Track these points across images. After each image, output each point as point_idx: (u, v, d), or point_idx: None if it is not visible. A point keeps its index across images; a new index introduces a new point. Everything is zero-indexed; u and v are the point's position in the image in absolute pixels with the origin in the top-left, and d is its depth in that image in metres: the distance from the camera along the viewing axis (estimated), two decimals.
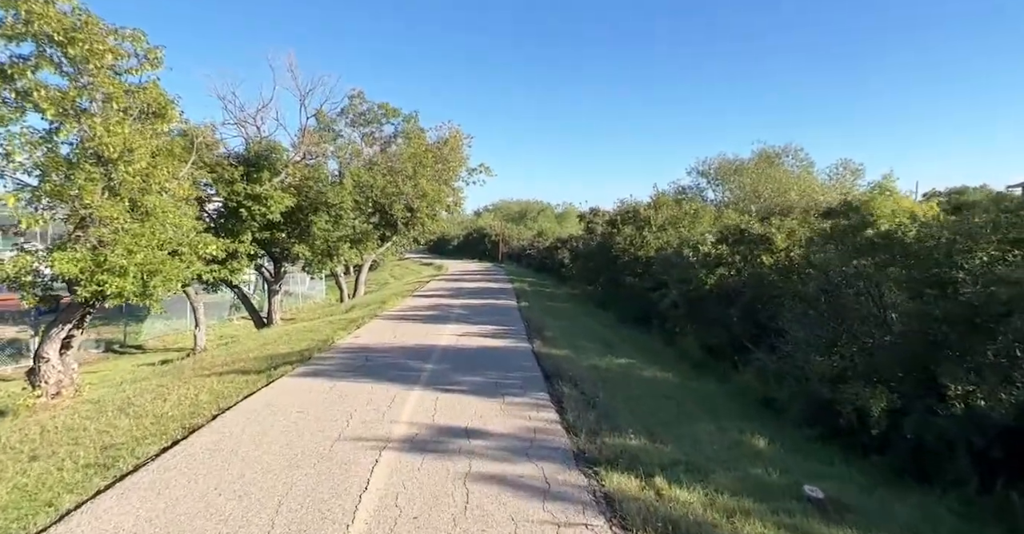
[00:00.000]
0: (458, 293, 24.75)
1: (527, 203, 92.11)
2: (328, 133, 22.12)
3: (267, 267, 22.80)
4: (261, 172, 19.08)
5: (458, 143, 34.14)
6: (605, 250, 22.81)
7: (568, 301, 23.66)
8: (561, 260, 34.06)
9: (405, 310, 18.90)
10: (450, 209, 33.73)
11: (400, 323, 15.55)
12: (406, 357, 10.80)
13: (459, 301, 21.35)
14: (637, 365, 11.43)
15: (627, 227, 21.28)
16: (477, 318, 16.75)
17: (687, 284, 12.51)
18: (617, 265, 20.95)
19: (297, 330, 15.87)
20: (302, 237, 21.58)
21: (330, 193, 20.23)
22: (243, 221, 19.28)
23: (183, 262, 13.06)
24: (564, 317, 18.03)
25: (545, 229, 57.42)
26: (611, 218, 22.94)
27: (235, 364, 11.04)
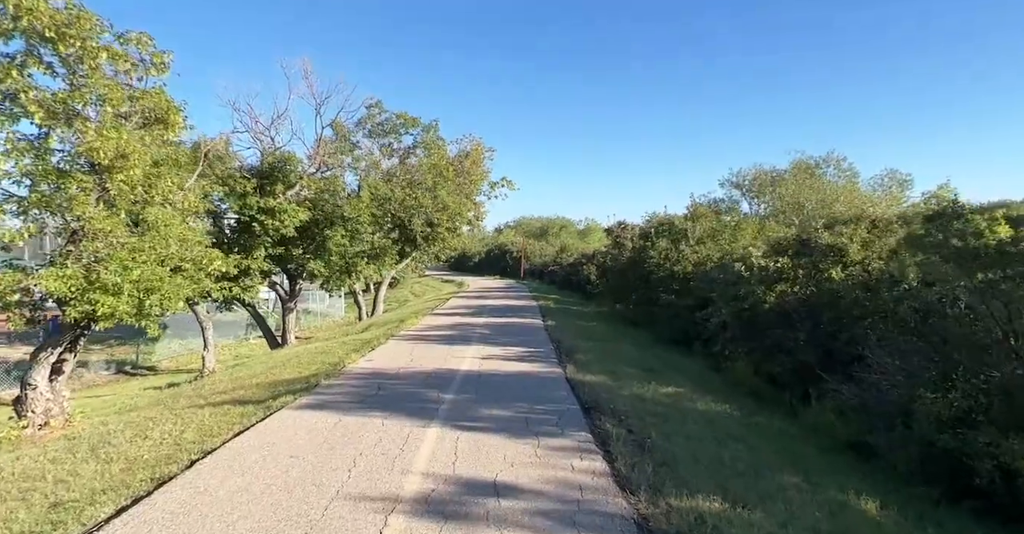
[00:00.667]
0: (480, 311, 23.52)
1: (548, 219, 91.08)
2: (345, 144, 21.40)
3: (281, 285, 21.94)
4: (275, 185, 18.31)
5: (480, 156, 33.34)
6: (637, 265, 21.41)
7: (597, 320, 22.21)
8: (587, 276, 32.65)
9: (424, 330, 17.71)
10: (472, 223, 32.75)
11: (418, 344, 14.34)
12: (423, 385, 9.55)
13: (481, 320, 20.09)
14: (687, 395, 9.97)
15: (662, 240, 19.88)
16: (501, 338, 15.46)
17: (739, 302, 11.09)
18: (651, 281, 19.51)
19: (308, 352, 14.77)
20: (318, 253, 20.70)
21: (346, 207, 19.36)
22: (256, 236, 18.49)
23: (186, 279, 12.10)
24: (595, 337, 16.61)
25: (568, 245, 56.10)
26: (644, 231, 21.57)
27: (235, 392, 9.92)
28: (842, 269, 9.70)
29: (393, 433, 6.84)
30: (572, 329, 18.39)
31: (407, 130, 24.15)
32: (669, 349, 15.84)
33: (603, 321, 21.94)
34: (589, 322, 20.96)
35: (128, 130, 10.38)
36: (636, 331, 19.26)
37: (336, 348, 14.74)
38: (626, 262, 23.12)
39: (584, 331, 18.05)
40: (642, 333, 18.62)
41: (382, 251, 21.44)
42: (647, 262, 20.11)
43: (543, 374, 10.75)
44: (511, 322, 19.44)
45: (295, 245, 20.61)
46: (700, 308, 15.09)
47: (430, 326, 18.61)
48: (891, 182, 28.92)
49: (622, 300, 23.67)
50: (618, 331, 18.84)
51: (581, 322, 20.68)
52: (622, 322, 21.81)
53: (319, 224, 19.72)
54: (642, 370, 12.08)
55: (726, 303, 11.75)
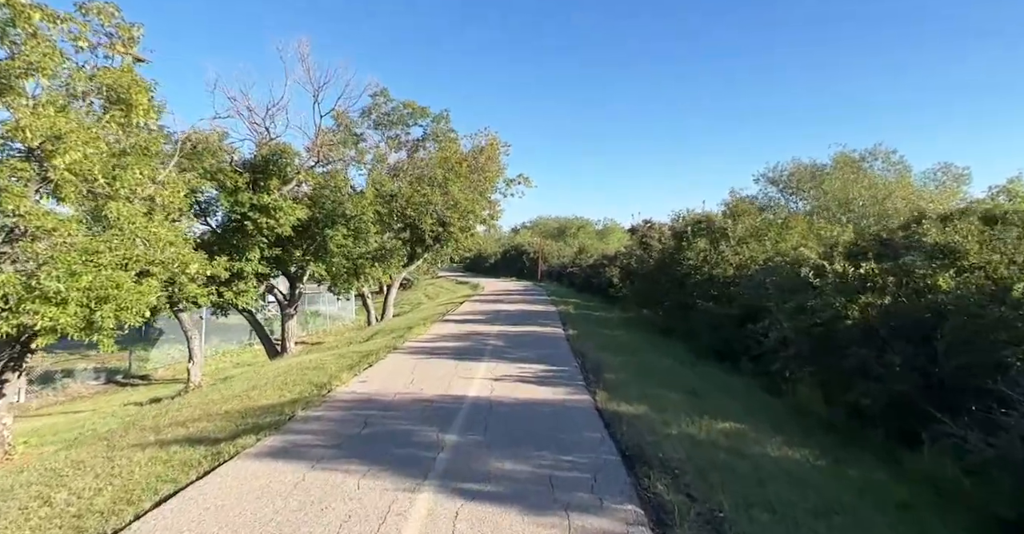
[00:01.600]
0: (495, 318, 21.66)
1: (566, 220, 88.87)
2: (348, 136, 19.75)
3: (280, 288, 20.35)
4: (269, 179, 16.71)
5: (495, 151, 31.54)
6: (668, 268, 19.37)
7: (623, 328, 20.20)
8: (609, 279, 30.60)
9: (432, 340, 15.93)
10: (486, 222, 30.96)
11: (422, 360, 12.54)
12: (421, 419, 7.72)
13: (495, 328, 18.24)
14: (750, 433, 7.98)
15: (699, 240, 17.80)
16: (517, 352, 13.59)
17: (808, 315, 9.07)
18: (686, 286, 17.47)
19: (300, 367, 13.07)
20: (319, 254, 19.06)
21: (348, 204, 17.68)
22: (249, 236, 16.90)
23: (150, 285, 10.43)
24: (624, 350, 14.64)
25: (587, 245, 54.00)
26: (677, 230, 19.50)
27: (196, 423, 8.19)
28: (951, 277, 7.64)
29: (369, 504, 5.00)
30: (597, 339, 16.43)
31: (415, 121, 22.43)
32: (711, 365, 13.80)
33: (630, 329, 19.92)
34: (615, 330, 18.96)
35: (73, 109, 8.78)
36: (669, 342, 17.20)
37: (331, 362, 13.02)
38: (655, 264, 21.07)
39: (611, 342, 16.08)
40: (676, 344, 16.58)
41: (388, 252, 19.74)
42: (681, 264, 18.03)
43: (569, 403, 8.84)
44: (528, 331, 17.54)
45: (294, 246, 19.02)
46: (747, 318, 13.02)
47: (439, 335, 16.81)
48: (945, 177, 26.35)
49: (650, 305, 21.61)
50: (649, 342, 16.82)
51: (606, 331, 18.69)
52: (651, 330, 19.77)
53: (319, 223, 18.08)
54: (685, 394, 10.09)
55: (789, 316, 9.74)
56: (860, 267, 8.69)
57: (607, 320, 22.71)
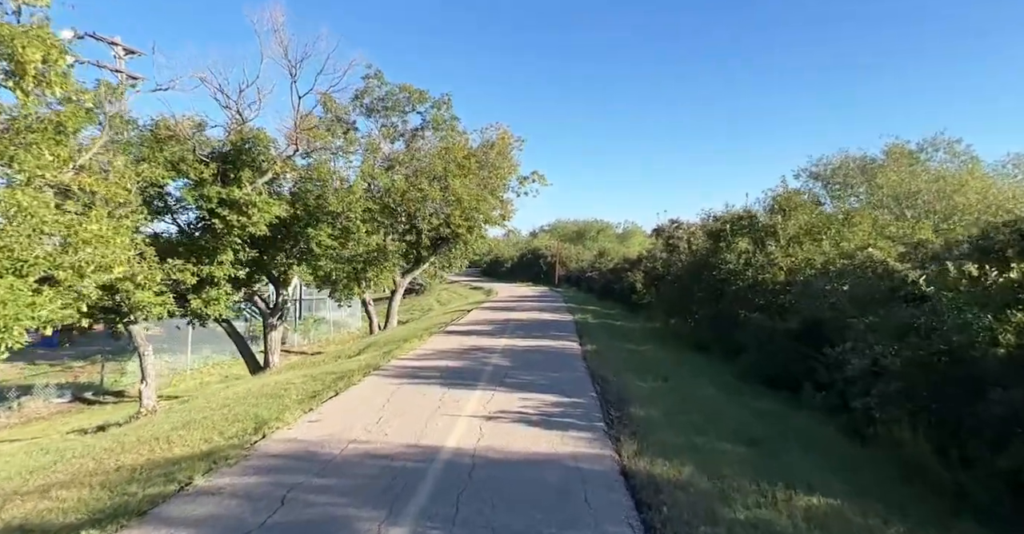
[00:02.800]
0: (503, 328, 19.21)
1: (585, 222, 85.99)
2: (336, 123, 17.52)
3: (265, 295, 18.18)
4: (241, 170, 14.54)
5: (507, 146, 29.21)
6: (702, 272, 16.70)
7: (649, 341, 17.55)
8: (632, 285, 27.92)
9: (425, 356, 13.55)
10: (497, 223, 28.58)
11: (403, 385, 10.14)
12: (365, 494, 5.30)
13: (502, 342, 15.79)
14: (854, 518, 5.37)
15: (741, 240, 15.09)
16: (522, 374, 11.12)
17: (923, 340, 6.46)
18: (724, 294, 14.82)
19: (258, 392, 10.78)
20: (303, 257, 16.86)
21: (332, 199, 15.41)
22: (219, 236, 14.74)
23: (53, 294, 8.22)
24: (653, 372, 12.04)
25: (607, 249, 51.25)
26: (713, 230, 16.81)
27: (59, 492, 5.89)
28: None
29: None
30: (620, 357, 13.86)
31: (413, 106, 20.13)
32: (763, 394, 11.07)
33: (658, 343, 17.25)
34: (640, 345, 16.33)
35: None
36: (706, 360, 14.51)
37: (296, 386, 10.71)
38: (685, 268, 18.41)
39: (636, 360, 13.49)
40: (715, 364, 13.89)
41: (383, 254, 17.44)
42: (719, 269, 15.36)
43: (583, 461, 6.33)
44: (539, 347, 15.03)
45: (276, 248, 16.85)
46: (809, 334, 10.33)
47: (435, 351, 14.41)
48: (1017, 170, 23.11)
49: (680, 315, 18.93)
50: (682, 360, 14.14)
51: (630, 345, 16.08)
52: (683, 345, 17.09)
53: (299, 220, 15.86)
54: (744, 444, 7.48)
55: (889, 336, 7.12)
56: (1010, 270, 6.06)
57: (630, 332, 20.06)
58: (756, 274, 14.22)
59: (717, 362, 13.99)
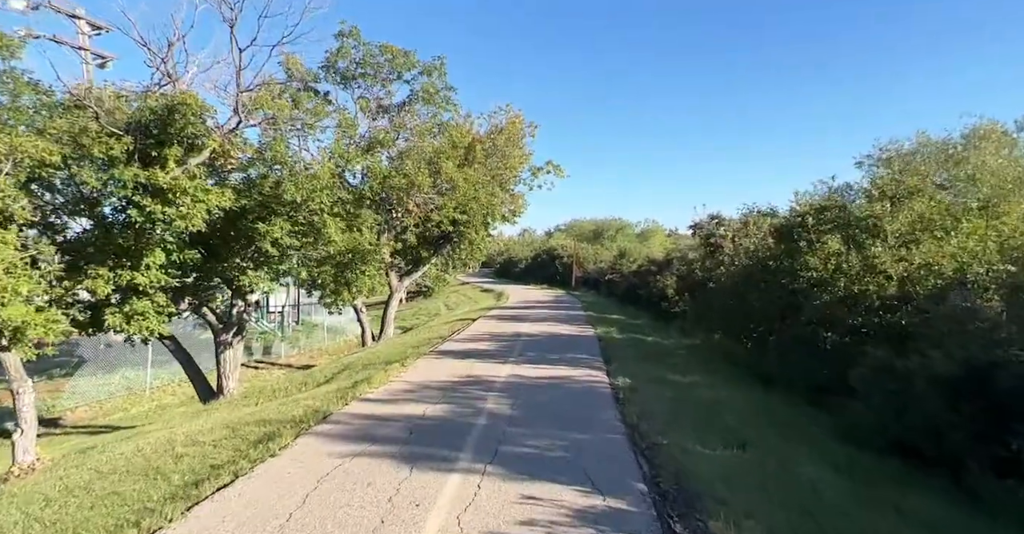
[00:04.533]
0: (510, 347, 15.68)
1: (603, 221, 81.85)
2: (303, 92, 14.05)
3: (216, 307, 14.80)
4: (166, 148, 11.18)
5: (517, 132, 25.66)
6: (762, 279, 13.00)
7: (694, 367, 13.83)
8: (662, 290, 24.17)
9: (398, 394, 10.05)
10: (508, 219, 25.08)
11: (346, 462, 6.64)
12: None
13: (505, 371, 12.26)
14: None
15: (830, 238, 11.28)
16: (528, 437, 7.57)
17: None
18: (802, 309, 11.09)
19: (130, 467, 7.35)
20: (259, 259, 13.49)
21: (290, 185, 11.98)
22: (142, 233, 11.43)
23: None
24: (719, 426, 8.41)
25: (628, 249, 47.35)
26: (782, 226, 13.04)
27: None
28: None
29: None
30: (664, 397, 10.21)
31: (397, 73, 16.56)
32: (903, 475, 7.35)
33: (705, 369, 13.51)
34: (685, 374, 12.62)
35: None
36: (783, 402, 10.73)
37: (192, 454, 7.28)
38: (739, 273, 14.68)
39: (690, 404, 9.81)
40: (796, 407, 10.17)
41: (359, 255, 14.00)
42: (796, 275, 11.63)
43: None
44: (554, 379, 11.45)
45: (226, 248, 13.53)
46: (978, 385, 6.64)
47: (416, 384, 10.91)
48: None
49: (729, 332, 15.19)
50: (754, 405, 10.36)
51: (673, 375, 12.38)
52: (738, 372, 13.38)
53: (249, 213, 12.47)
54: None
55: None
56: None
57: (666, 351, 16.33)
58: (851, 284, 10.50)
59: (800, 405, 10.27)
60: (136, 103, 12.03)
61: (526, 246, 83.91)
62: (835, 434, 8.68)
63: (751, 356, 13.74)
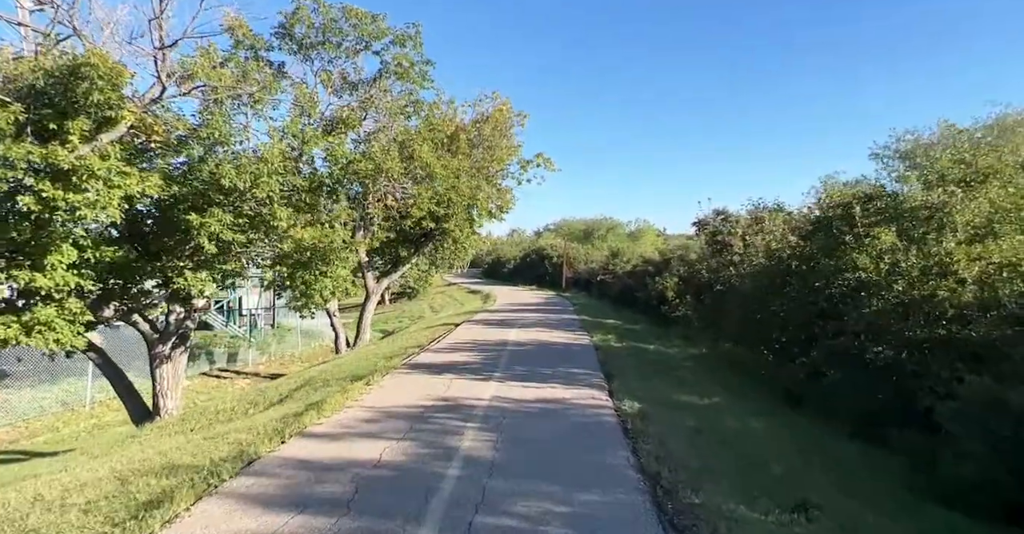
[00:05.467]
0: (495, 359, 13.74)
1: (593, 221, 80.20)
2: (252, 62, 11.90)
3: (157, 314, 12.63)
4: (69, 120, 9.05)
5: (505, 121, 23.73)
6: (786, 282, 11.17)
7: (709, 383, 11.97)
8: (661, 292, 22.35)
9: (353, 427, 8.03)
10: (494, 216, 23.13)
11: (278, 522, 4.60)
12: None
13: (489, 391, 10.33)
14: None
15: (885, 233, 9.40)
16: (518, 481, 5.65)
17: None
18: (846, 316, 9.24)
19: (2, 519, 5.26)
20: (197, 258, 11.37)
21: (229, 169, 9.88)
22: (43, 225, 9.31)
23: None
24: (765, 474, 6.50)
25: (621, 249, 45.60)
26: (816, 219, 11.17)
27: None
28: None
29: None
30: (686, 426, 8.32)
31: (365, 43, 14.41)
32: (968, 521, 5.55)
33: (722, 386, 11.64)
34: (703, 394, 10.72)
35: None
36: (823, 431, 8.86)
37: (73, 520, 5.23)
38: (762, 275, 12.84)
39: (716, 438, 7.90)
40: (852, 446, 8.27)
41: (318, 254, 11.95)
42: (837, 278, 9.78)
43: None
44: (546, 403, 9.51)
45: (159, 243, 11.41)
46: None
47: (379, 411, 8.89)
48: None
49: (747, 341, 13.34)
50: (798, 443, 8.41)
51: (688, 396, 10.48)
52: (762, 389, 11.53)
53: (181, 202, 10.35)
54: None
55: None
56: None
57: (673, 363, 14.47)
58: (910, 288, 8.67)
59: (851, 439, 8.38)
60: None
61: (515, 246, 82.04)
62: (915, 484, 6.83)
63: (772, 369, 11.90)
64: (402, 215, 21.89)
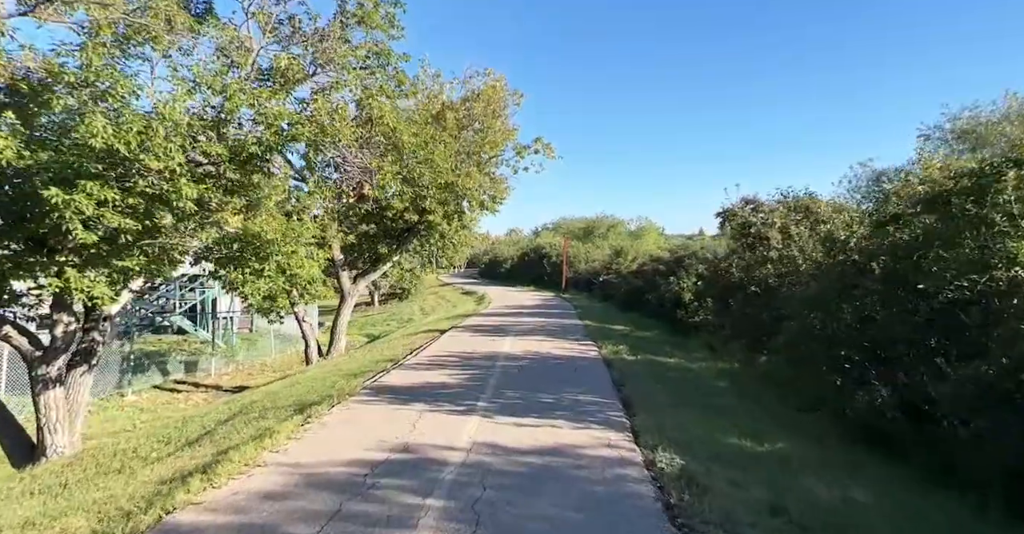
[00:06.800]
0: (483, 379, 10.94)
1: (593, 219, 77.15)
2: None
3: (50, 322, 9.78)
4: None
5: (498, 99, 20.95)
6: (852, 285, 8.37)
7: (762, 418, 9.21)
8: (676, 295, 19.55)
9: (269, 497, 5.15)
10: (487, 208, 20.37)
11: None
12: None
13: (469, 430, 7.54)
14: None
15: None
16: None
17: None
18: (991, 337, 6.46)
19: None
20: (84, 251, 8.51)
21: (97, 124, 7.02)
22: None
23: None
24: None
25: (624, 247, 42.80)
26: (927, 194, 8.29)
27: None
28: None
29: None
30: (760, 504, 5.48)
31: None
32: None
33: (780, 424, 8.87)
34: (761, 438, 7.89)
35: None
36: (979, 517, 6.07)
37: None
38: (829, 276, 10.03)
39: (817, 530, 5.04)
40: None
41: (253, 248, 9.10)
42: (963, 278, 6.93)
43: None
44: (547, 452, 6.70)
45: (25, 230, 8.55)
46: None
47: (301, 475, 6.04)
48: None
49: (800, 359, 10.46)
50: (923, 523, 5.68)
51: (743, 440, 7.68)
52: (831, 427, 8.73)
53: (43, 171, 7.49)
54: None
55: None
56: None
57: (704, 385, 11.68)
58: None
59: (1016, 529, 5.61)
60: None
61: (512, 245, 79.17)
62: None
63: (840, 395, 9.00)
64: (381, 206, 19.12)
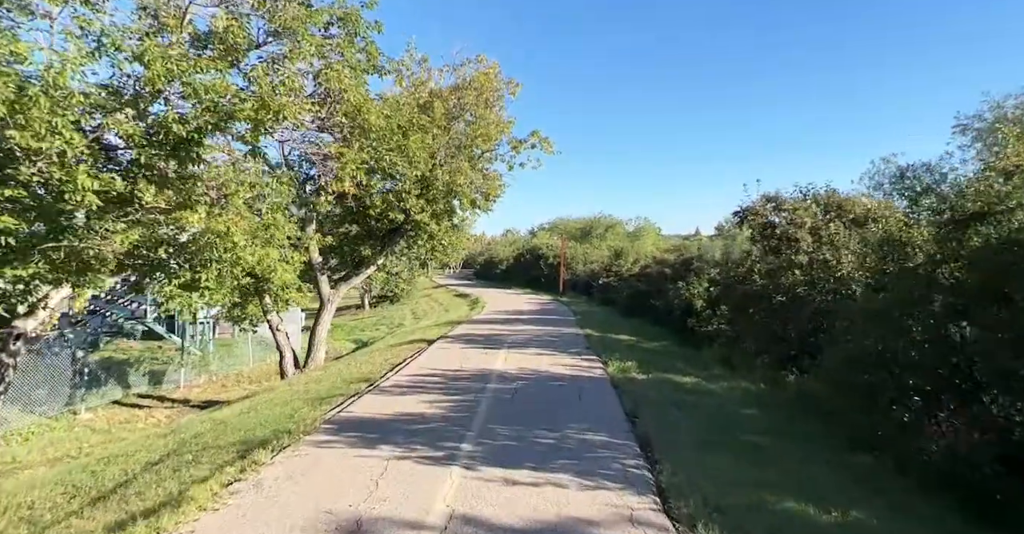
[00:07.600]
0: (471, 408, 9.18)
1: (591, 219, 75.45)
2: None
3: None
4: None
5: (492, 87, 19.24)
6: (928, 292, 6.70)
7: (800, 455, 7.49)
8: (687, 301, 17.85)
9: None
10: (477, 204, 18.67)
11: None
12: None
13: (447, 494, 5.75)
14: None
15: None
16: None
17: None
18: None
19: None
20: None
21: None
22: None
23: None
24: None
25: (625, 249, 41.10)
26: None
27: None
28: None
29: None
30: None
31: None
32: None
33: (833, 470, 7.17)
34: (826, 505, 6.18)
35: None
36: None
37: None
38: (898, 284, 8.29)
39: None
40: None
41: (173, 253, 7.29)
42: None
43: None
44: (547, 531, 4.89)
45: None
46: None
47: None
48: None
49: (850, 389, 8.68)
50: None
51: (798, 502, 5.94)
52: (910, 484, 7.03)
53: None
54: None
55: None
56: None
57: (731, 412, 9.96)
58: None
59: None
60: None
61: (509, 246, 77.38)
62: None
63: (911, 439, 7.25)
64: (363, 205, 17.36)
